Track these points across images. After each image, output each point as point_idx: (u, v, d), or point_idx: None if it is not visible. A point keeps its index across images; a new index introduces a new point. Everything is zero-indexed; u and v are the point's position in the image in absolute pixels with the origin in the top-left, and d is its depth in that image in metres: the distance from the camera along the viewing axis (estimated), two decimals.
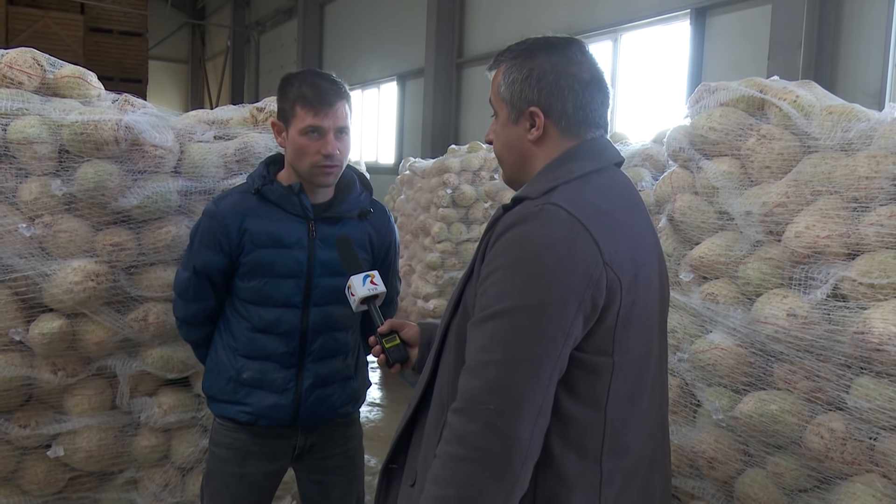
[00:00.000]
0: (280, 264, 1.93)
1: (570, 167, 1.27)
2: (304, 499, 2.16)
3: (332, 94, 1.88)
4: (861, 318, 1.73)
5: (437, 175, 5.70)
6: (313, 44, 14.62)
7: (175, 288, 2.06)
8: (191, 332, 2.09)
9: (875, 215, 1.81)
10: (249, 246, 1.93)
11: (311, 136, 1.87)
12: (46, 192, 2.20)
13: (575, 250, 1.15)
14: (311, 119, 1.86)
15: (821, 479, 1.85)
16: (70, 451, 2.30)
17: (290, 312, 1.95)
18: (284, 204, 1.95)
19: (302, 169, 1.91)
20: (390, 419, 4.89)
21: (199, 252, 1.96)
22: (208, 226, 1.95)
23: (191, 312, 2.03)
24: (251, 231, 1.93)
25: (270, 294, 1.94)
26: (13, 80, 2.28)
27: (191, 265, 1.97)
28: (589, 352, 1.19)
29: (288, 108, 1.90)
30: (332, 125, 1.88)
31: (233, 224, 1.93)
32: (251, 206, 1.95)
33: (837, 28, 5.22)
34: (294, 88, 1.90)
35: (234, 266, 1.96)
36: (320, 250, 1.96)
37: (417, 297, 5.77)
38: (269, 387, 1.97)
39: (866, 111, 2.06)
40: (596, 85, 1.33)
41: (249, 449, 2.01)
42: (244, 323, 1.98)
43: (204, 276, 1.97)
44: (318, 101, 1.86)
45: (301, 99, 1.87)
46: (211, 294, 2.00)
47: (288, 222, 1.95)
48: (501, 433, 1.11)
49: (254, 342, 1.97)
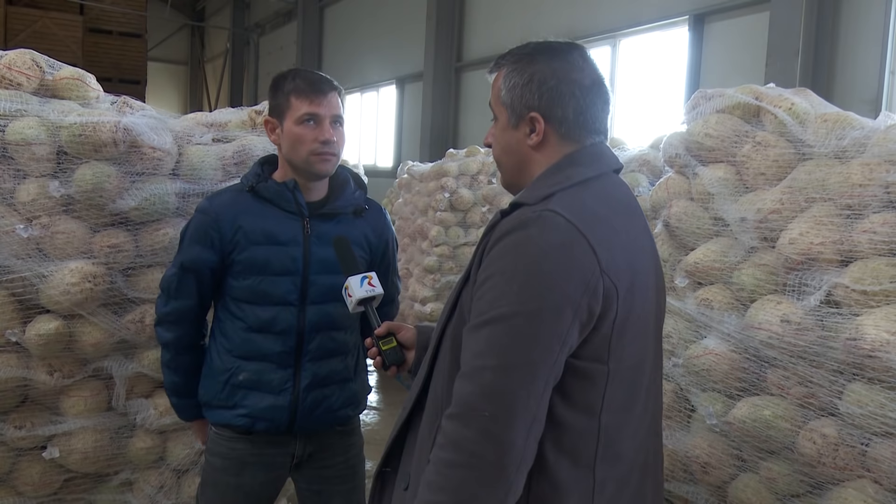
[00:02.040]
0: (275, 261, 1.92)
1: (569, 173, 1.27)
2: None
3: (325, 84, 1.92)
4: (854, 325, 1.75)
5: (435, 179, 5.71)
6: (313, 46, 14.63)
7: (161, 283, 2.01)
8: (167, 330, 2.00)
9: (868, 223, 1.82)
10: (244, 243, 1.92)
11: (307, 125, 1.88)
12: (44, 193, 2.20)
13: (572, 257, 1.15)
14: (307, 107, 1.88)
15: (813, 484, 1.86)
16: (65, 452, 2.30)
17: (286, 311, 1.93)
18: (279, 201, 1.94)
19: (299, 159, 1.90)
20: (386, 423, 4.89)
21: (189, 248, 1.94)
22: (200, 221, 1.93)
23: (169, 309, 1.98)
24: (245, 228, 1.91)
25: (266, 292, 1.92)
26: (12, 82, 2.29)
27: (178, 261, 1.95)
28: (584, 359, 1.19)
29: (283, 102, 1.91)
30: (328, 113, 1.90)
31: (226, 221, 1.91)
32: (245, 204, 1.94)
33: (835, 35, 5.24)
34: (287, 83, 1.92)
35: (226, 264, 1.94)
36: (316, 247, 1.94)
37: (414, 301, 5.76)
38: (266, 388, 1.94)
39: (860, 119, 2.07)
40: (597, 91, 1.32)
41: (246, 459, 1.98)
42: (238, 323, 1.95)
43: (191, 273, 1.94)
44: (313, 91, 1.89)
45: (296, 90, 1.89)
46: (193, 292, 1.96)
47: (283, 219, 1.94)
48: (496, 439, 1.11)
49: (249, 342, 1.94)
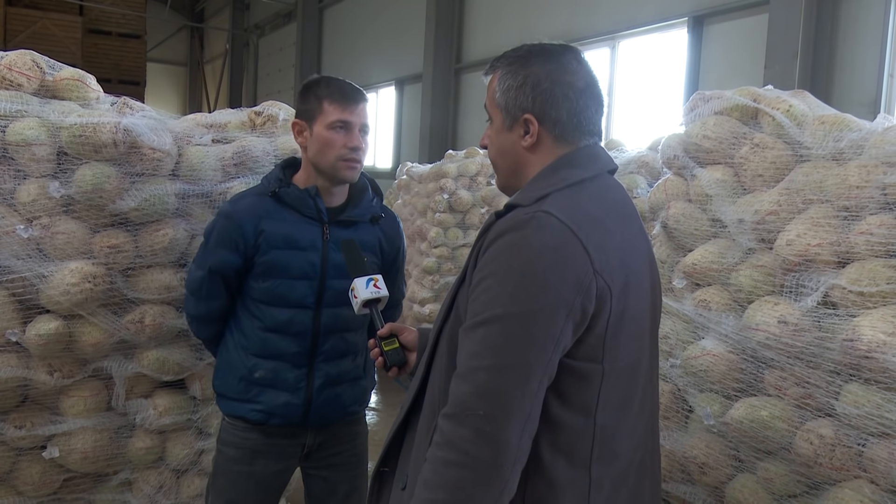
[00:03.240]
0: (294, 266, 1.98)
1: (563, 175, 1.28)
2: (310, 496, 2.18)
3: (357, 94, 2.00)
4: (850, 326, 1.75)
5: (434, 180, 5.71)
6: (312, 48, 14.63)
7: (188, 286, 2.09)
8: (201, 330, 2.13)
9: (865, 224, 1.83)
10: (265, 247, 1.97)
11: (338, 131, 1.95)
12: (44, 193, 2.21)
13: (565, 258, 1.16)
14: (340, 114, 1.95)
15: (810, 484, 1.86)
16: (65, 452, 2.31)
17: (302, 313, 1.99)
18: (300, 207, 2.00)
19: (327, 163, 1.97)
20: (385, 423, 4.89)
21: (214, 251, 2.00)
22: (224, 226, 1.99)
23: (202, 311, 2.07)
24: (267, 232, 1.97)
25: (284, 295, 1.98)
26: (12, 83, 2.29)
27: (206, 264, 2.01)
28: (579, 359, 1.19)
29: (314, 106, 1.97)
30: (358, 121, 1.98)
31: (249, 225, 1.97)
32: (267, 208, 2.00)
33: (833, 38, 5.25)
34: (321, 88, 1.98)
35: (249, 266, 2.00)
36: (334, 253, 2.00)
37: (413, 302, 5.77)
38: (282, 385, 2.00)
39: (858, 121, 2.08)
40: (590, 93, 1.33)
41: (259, 448, 2.04)
42: (256, 322, 2.01)
43: (218, 276, 2.00)
44: (347, 99, 1.96)
45: (330, 96, 1.96)
46: (223, 293, 2.03)
47: (303, 225, 2.00)
48: (491, 439, 1.12)
49: (266, 342, 2.00)
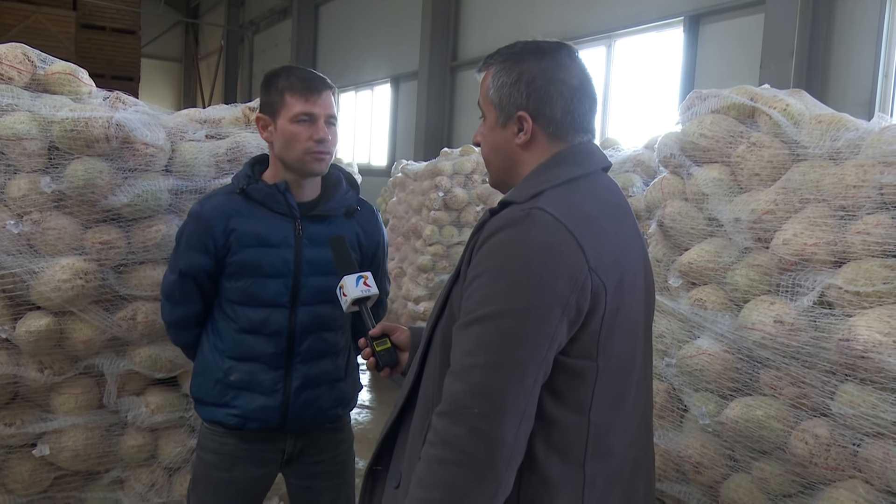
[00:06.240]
0: (267, 263, 1.93)
1: (557, 172, 1.28)
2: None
3: (320, 83, 1.92)
4: (846, 326, 1.75)
5: (429, 178, 5.70)
6: (307, 44, 14.60)
7: (162, 291, 2.05)
8: (179, 336, 2.08)
9: (862, 224, 1.82)
10: (236, 246, 1.92)
11: (302, 123, 1.88)
12: (35, 188, 2.19)
13: (560, 255, 1.16)
14: (302, 106, 1.88)
15: (805, 484, 1.86)
16: (56, 449, 2.29)
17: (277, 312, 1.94)
18: (270, 203, 1.94)
19: (293, 157, 1.91)
20: (378, 421, 4.88)
21: (185, 254, 1.95)
22: (194, 227, 1.95)
23: (177, 316, 2.02)
24: (237, 231, 1.92)
25: (257, 294, 1.93)
26: (3, 76, 2.27)
27: (177, 267, 1.97)
28: (573, 356, 1.19)
29: (276, 100, 1.91)
30: (323, 112, 1.90)
31: (218, 225, 1.92)
32: (236, 206, 1.95)
33: (829, 37, 5.26)
34: (282, 80, 1.91)
35: (221, 267, 1.95)
36: (307, 249, 1.95)
37: (408, 300, 5.76)
38: (257, 388, 1.95)
39: (855, 120, 2.07)
40: (584, 90, 1.33)
41: (237, 454, 1.99)
42: (231, 324, 1.96)
43: (190, 279, 1.96)
44: (308, 89, 1.89)
45: (290, 88, 1.89)
46: (197, 297, 1.99)
47: (274, 221, 1.95)
48: (485, 436, 1.11)
49: (241, 343, 1.95)
